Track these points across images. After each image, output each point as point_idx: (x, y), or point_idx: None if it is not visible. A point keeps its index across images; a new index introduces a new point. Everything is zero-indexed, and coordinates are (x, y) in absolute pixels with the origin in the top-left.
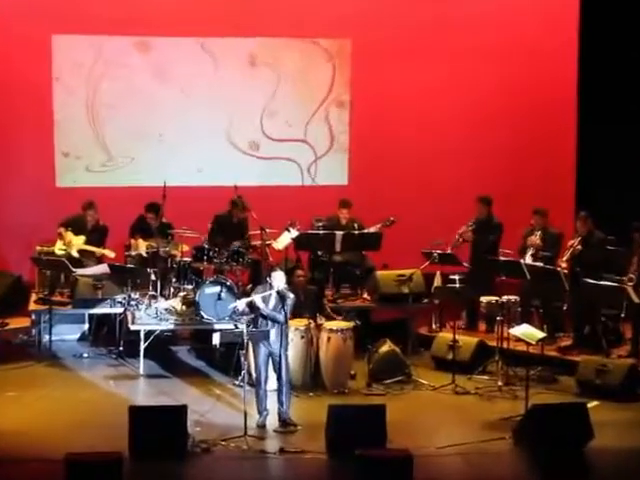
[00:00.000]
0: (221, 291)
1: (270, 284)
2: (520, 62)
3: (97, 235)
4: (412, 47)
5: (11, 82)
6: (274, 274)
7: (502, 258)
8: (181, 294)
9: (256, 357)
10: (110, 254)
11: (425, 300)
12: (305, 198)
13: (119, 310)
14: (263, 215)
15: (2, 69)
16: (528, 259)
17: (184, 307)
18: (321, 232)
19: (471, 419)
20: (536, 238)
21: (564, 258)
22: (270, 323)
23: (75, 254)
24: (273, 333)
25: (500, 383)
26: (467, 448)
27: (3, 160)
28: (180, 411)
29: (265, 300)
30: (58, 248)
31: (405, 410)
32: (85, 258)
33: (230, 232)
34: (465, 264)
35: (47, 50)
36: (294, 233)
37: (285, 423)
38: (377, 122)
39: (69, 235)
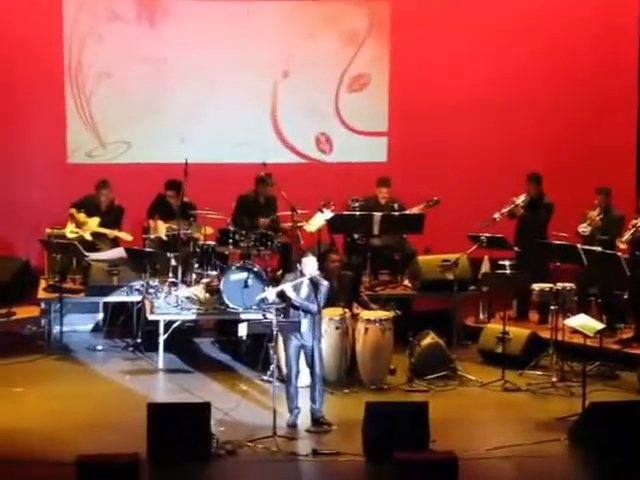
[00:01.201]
0: (248, 278)
1: (301, 271)
2: (578, 22)
3: (112, 216)
4: (454, 12)
5: (18, 44)
6: (305, 259)
7: (556, 241)
8: (204, 281)
9: (286, 350)
10: (127, 237)
11: (472, 288)
12: (340, 176)
13: (136, 298)
14: (294, 194)
15: (7, 34)
16: (582, 229)
17: (207, 295)
18: (357, 213)
19: (522, 418)
20: (595, 214)
21: (623, 239)
22: (302, 313)
23: (88, 237)
24: (305, 324)
25: (554, 379)
26: (518, 450)
27: (8, 131)
28: (203, 409)
29: (296, 288)
30: (70, 231)
31: (450, 408)
32: (99, 241)
33: (257, 213)
34: (516, 248)
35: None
36: (328, 214)
37: (318, 422)
38: (418, 94)
39: (82, 217)
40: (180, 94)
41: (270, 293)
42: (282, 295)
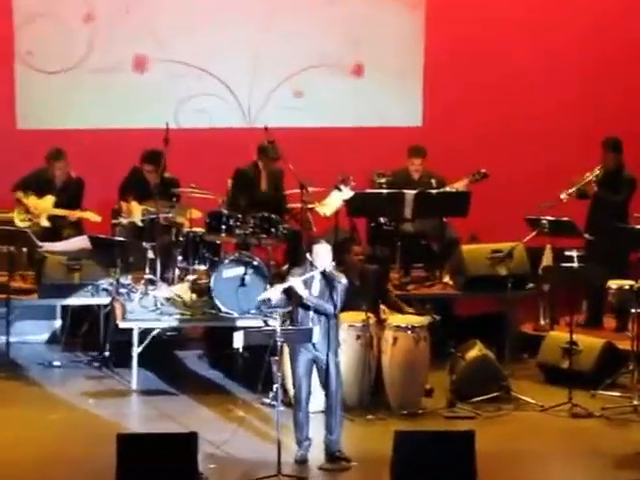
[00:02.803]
0: (245, 274)
1: (312, 263)
2: None
3: (70, 194)
4: None
5: None
6: (318, 249)
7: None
8: (190, 278)
9: (294, 366)
10: (94, 217)
11: (530, 285)
12: (362, 145)
13: (104, 301)
14: (304, 168)
15: None
16: None
17: (194, 296)
18: (385, 191)
19: (596, 452)
20: None
21: None
22: (314, 317)
23: (45, 223)
24: (318, 332)
25: (636, 402)
26: None
27: None
28: (188, 441)
29: (307, 285)
30: (20, 219)
31: (502, 439)
32: (59, 226)
33: (258, 192)
34: (587, 235)
35: None
36: (347, 193)
37: (334, 457)
38: (458, 46)
39: (31, 200)
40: (159, 45)
41: (274, 292)
42: (289, 294)
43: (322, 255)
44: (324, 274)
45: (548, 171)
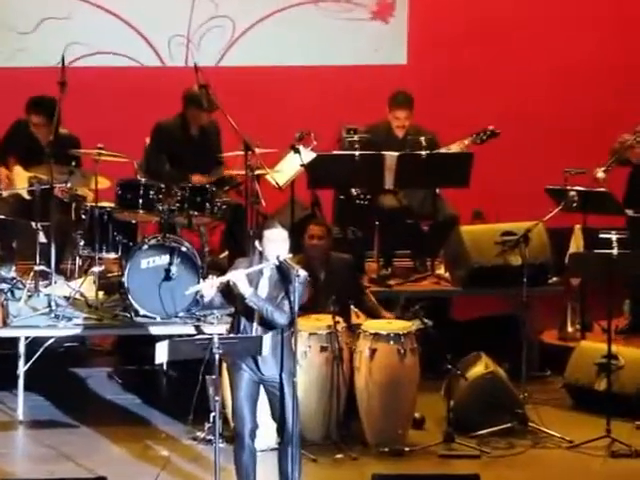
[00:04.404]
0: (171, 264)
1: (261, 252)
2: None
3: None
4: None
5: None
6: (269, 233)
7: None
8: (96, 270)
9: (235, 389)
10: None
11: (553, 279)
12: (328, 89)
13: None
14: (250, 121)
15: None
16: None
17: (102, 295)
18: (357, 153)
19: None
20: None
21: None
22: (258, 330)
23: None
24: (268, 343)
25: None
26: None
27: None
28: None
29: (253, 281)
30: None
31: None
32: None
33: (186, 154)
34: (630, 211)
35: None
36: (307, 155)
37: None
38: None
39: None
40: None
41: (207, 286)
42: (228, 291)
43: (275, 242)
44: (278, 267)
45: (577, 121)
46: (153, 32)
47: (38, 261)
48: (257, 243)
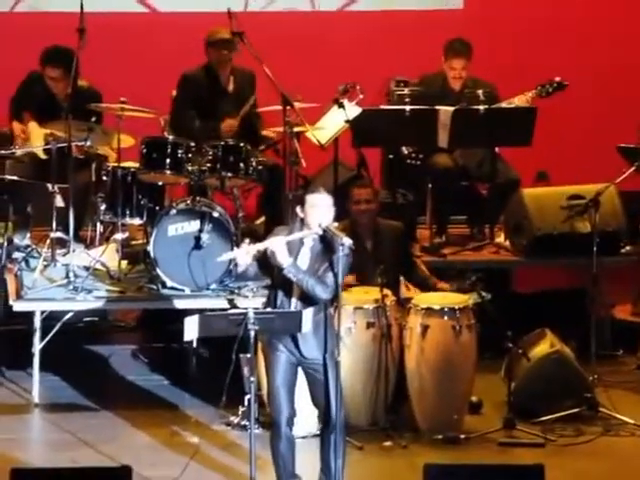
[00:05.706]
0: (201, 231)
1: (303, 219)
2: None
3: None
4: None
5: None
6: (312, 198)
7: None
8: (119, 238)
9: (271, 373)
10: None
11: (627, 249)
12: (376, 36)
13: None
14: (290, 74)
15: None
16: None
17: (125, 264)
18: (408, 107)
19: None
20: None
21: None
22: (297, 306)
23: None
24: (309, 319)
25: None
26: None
27: None
28: (118, 478)
29: (292, 250)
30: None
31: (585, 476)
32: None
33: (217, 107)
34: None
35: None
36: (352, 110)
37: None
38: None
39: None
40: None
41: (242, 253)
42: (265, 261)
43: (318, 207)
44: (322, 236)
45: None
46: None
47: (55, 227)
48: (298, 209)
